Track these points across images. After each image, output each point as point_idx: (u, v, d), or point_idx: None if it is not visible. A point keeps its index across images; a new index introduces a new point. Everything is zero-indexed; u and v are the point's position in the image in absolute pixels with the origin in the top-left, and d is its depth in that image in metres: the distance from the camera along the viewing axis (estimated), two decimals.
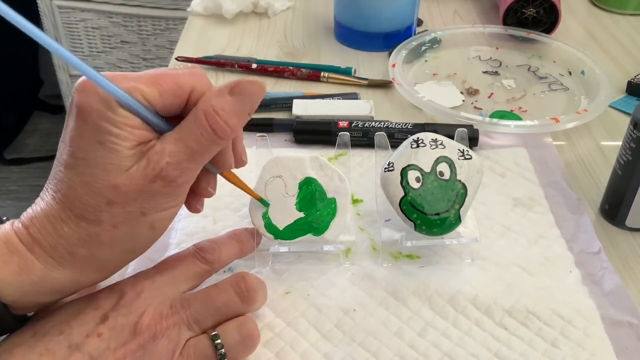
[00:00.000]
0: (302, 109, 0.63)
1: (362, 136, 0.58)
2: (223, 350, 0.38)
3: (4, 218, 0.36)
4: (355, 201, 0.53)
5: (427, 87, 0.69)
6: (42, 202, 0.35)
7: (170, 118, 0.36)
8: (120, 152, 0.33)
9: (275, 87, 0.70)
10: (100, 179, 0.33)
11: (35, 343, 0.35)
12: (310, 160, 0.46)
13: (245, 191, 0.44)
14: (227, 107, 0.35)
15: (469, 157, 0.46)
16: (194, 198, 0.40)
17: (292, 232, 0.45)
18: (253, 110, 0.37)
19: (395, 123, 0.59)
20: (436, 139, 0.46)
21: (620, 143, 0.50)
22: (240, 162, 0.41)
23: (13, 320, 0.35)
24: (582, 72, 0.71)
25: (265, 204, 0.45)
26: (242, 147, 0.41)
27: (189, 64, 0.72)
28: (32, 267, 0.34)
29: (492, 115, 0.64)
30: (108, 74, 0.33)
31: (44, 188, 0.36)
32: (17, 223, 0.35)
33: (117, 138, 0.33)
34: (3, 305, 0.34)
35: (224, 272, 0.45)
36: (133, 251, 0.37)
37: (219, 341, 0.38)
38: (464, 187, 0.45)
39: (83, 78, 0.33)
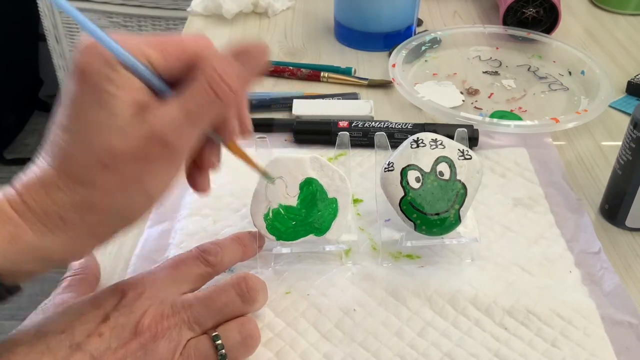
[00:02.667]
0: (302, 109, 0.63)
1: (362, 136, 0.58)
2: (224, 350, 0.38)
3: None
4: (355, 201, 0.53)
5: (427, 87, 0.69)
6: (37, 169, 0.34)
7: (173, 84, 0.35)
8: (118, 114, 0.32)
9: (275, 87, 0.70)
10: (97, 140, 0.32)
11: (37, 342, 0.35)
12: (311, 161, 0.46)
13: (249, 164, 0.42)
14: (230, 70, 0.34)
15: (469, 157, 0.46)
16: (198, 173, 0.39)
17: (294, 232, 0.45)
18: (257, 74, 0.36)
19: (395, 123, 0.59)
20: (436, 139, 0.47)
21: (620, 143, 0.50)
22: (245, 129, 0.39)
23: (3, 290, 0.34)
24: (582, 72, 0.71)
25: (270, 179, 0.44)
26: (247, 115, 0.39)
27: None
28: (24, 235, 0.33)
29: (492, 115, 0.64)
30: (113, 35, 0.32)
31: (39, 154, 0.34)
32: (9, 190, 0.34)
33: (115, 99, 0.32)
34: None
35: (225, 272, 0.45)
36: (127, 219, 0.36)
37: (219, 342, 0.38)
38: (464, 187, 0.45)
39: (87, 39, 0.33)
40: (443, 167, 0.45)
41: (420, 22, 0.82)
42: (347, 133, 0.52)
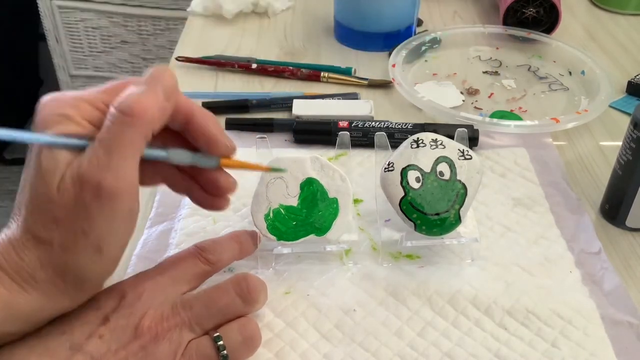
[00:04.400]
0: (302, 109, 0.63)
1: (362, 136, 0.58)
2: (225, 351, 0.38)
3: None
4: (355, 201, 0.53)
5: (427, 87, 0.69)
6: (8, 230, 0.35)
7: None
8: (50, 182, 0.33)
9: (276, 87, 0.70)
10: (39, 192, 0.33)
11: (37, 343, 0.35)
12: (311, 161, 0.46)
13: (253, 169, 0.42)
14: (135, 90, 0.34)
15: (469, 157, 0.46)
16: (212, 199, 0.41)
17: (294, 233, 0.45)
18: (169, 93, 0.35)
19: (395, 123, 0.59)
20: (436, 139, 0.47)
21: (620, 143, 0.50)
22: (223, 145, 0.38)
23: None
24: (582, 72, 0.71)
25: (280, 170, 0.44)
26: (218, 129, 0.38)
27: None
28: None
29: (492, 115, 0.64)
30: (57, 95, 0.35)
31: (12, 214, 0.35)
32: None
33: (46, 171, 0.33)
34: None
35: (224, 272, 0.45)
36: (85, 280, 0.35)
37: (221, 342, 0.38)
38: (464, 187, 0.45)
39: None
40: (443, 167, 0.45)
41: (420, 22, 0.82)
42: (348, 133, 0.52)
